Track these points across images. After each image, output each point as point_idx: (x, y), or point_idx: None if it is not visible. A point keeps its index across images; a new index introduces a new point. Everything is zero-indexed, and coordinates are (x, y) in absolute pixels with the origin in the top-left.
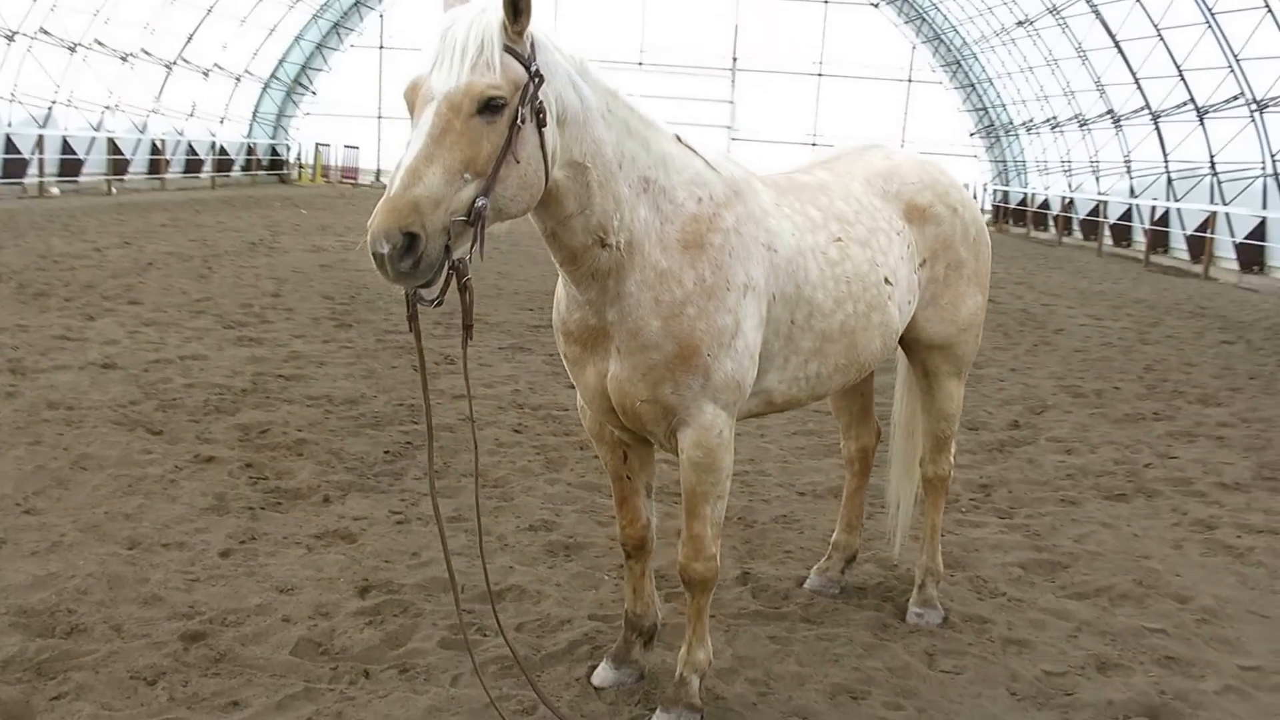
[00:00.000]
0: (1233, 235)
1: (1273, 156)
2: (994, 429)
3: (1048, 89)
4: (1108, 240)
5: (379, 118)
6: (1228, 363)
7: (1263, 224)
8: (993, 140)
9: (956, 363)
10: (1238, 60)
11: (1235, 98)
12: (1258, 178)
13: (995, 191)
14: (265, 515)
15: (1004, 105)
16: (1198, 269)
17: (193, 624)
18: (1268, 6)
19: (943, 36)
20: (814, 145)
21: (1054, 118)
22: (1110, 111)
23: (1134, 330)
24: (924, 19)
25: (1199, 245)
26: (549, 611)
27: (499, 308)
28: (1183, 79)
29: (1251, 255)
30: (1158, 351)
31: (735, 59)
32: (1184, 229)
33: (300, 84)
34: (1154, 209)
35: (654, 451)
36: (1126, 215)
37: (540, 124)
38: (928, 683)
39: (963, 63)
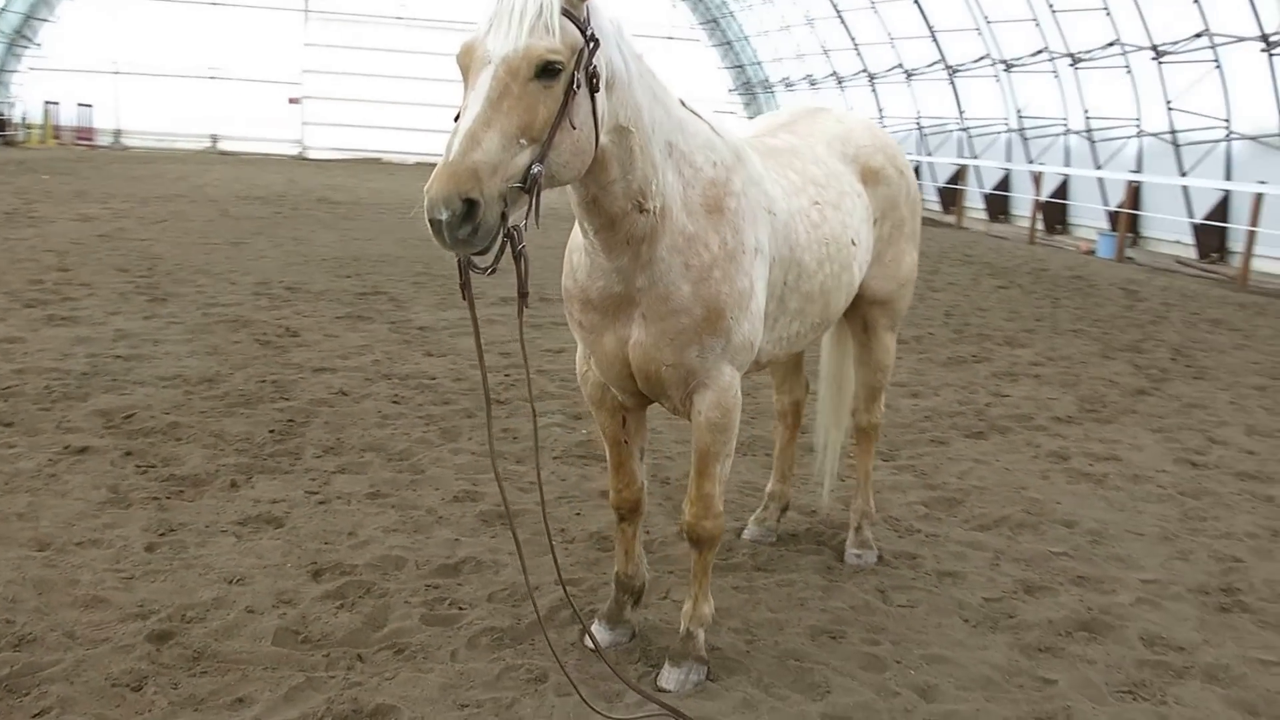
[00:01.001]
0: (981, 186)
1: (1018, 112)
2: None
3: (805, 47)
4: None
5: (115, 74)
6: (1012, 306)
7: (1007, 176)
8: (750, 97)
9: (893, 316)
10: (988, 22)
11: (983, 58)
12: (1002, 133)
13: None
14: (174, 505)
15: (760, 63)
16: (950, 219)
17: (152, 623)
18: None
19: None
20: None
21: (810, 75)
22: (865, 70)
23: (920, 278)
24: None
25: (950, 196)
26: (513, 580)
27: (315, 276)
28: (934, 39)
29: (998, 205)
30: (948, 298)
31: None
32: (936, 181)
33: (23, 35)
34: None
35: (646, 416)
36: None
37: (594, 89)
38: (891, 618)
39: (720, 20)
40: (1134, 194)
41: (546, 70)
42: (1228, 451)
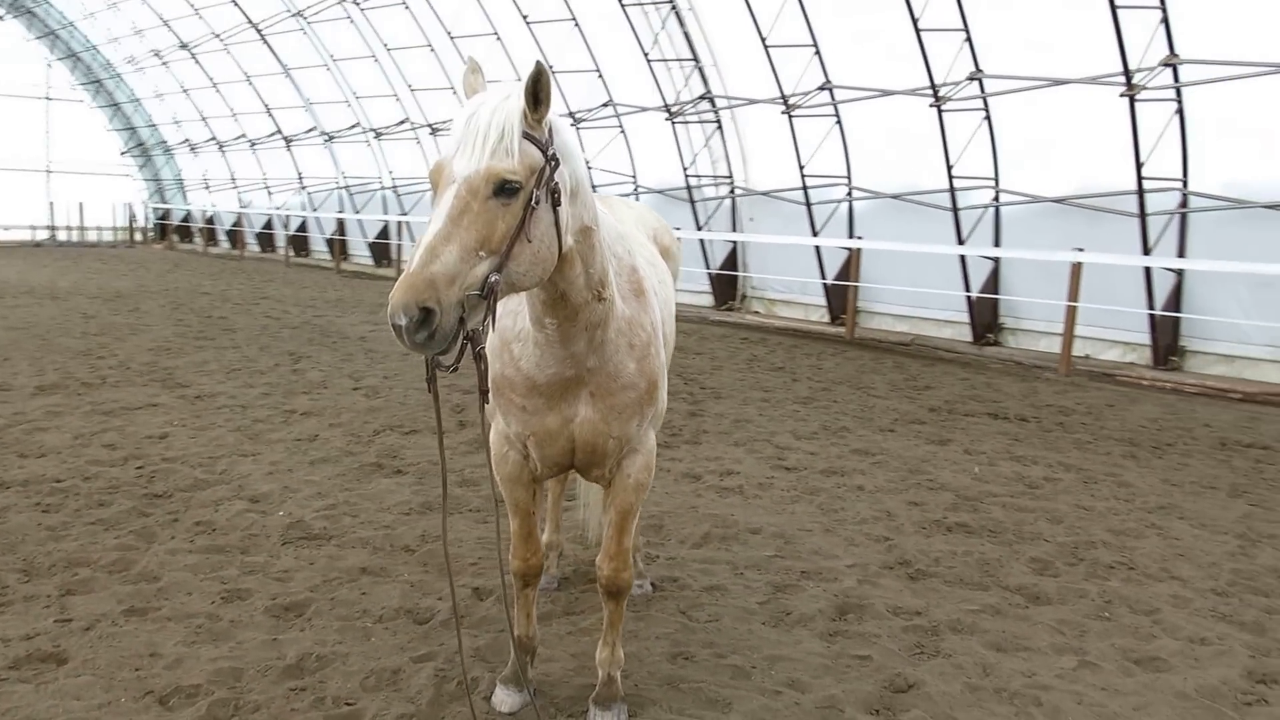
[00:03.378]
0: (413, 240)
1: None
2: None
3: (211, 110)
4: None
5: None
6: None
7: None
8: (145, 159)
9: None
10: (411, 90)
11: (403, 121)
12: (427, 191)
13: (155, 209)
14: None
15: (155, 125)
16: (387, 272)
17: None
18: (374, 56)
19: (81, 56)
20: None
21: (214, 137)
22: (279, 132)
23: None
24: (57, 36)
25: (382, 250)
26: (373, 664)
27: None
28: (354, 105)
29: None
30: None
31: None
32: (366, 236)
33: None
34: (339, 221)
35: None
36: (303, 227)
37: (555, 203)
38: (711, 633)
39: (104, 81)
40: None
41: (504, 189)
42: (797, 455)
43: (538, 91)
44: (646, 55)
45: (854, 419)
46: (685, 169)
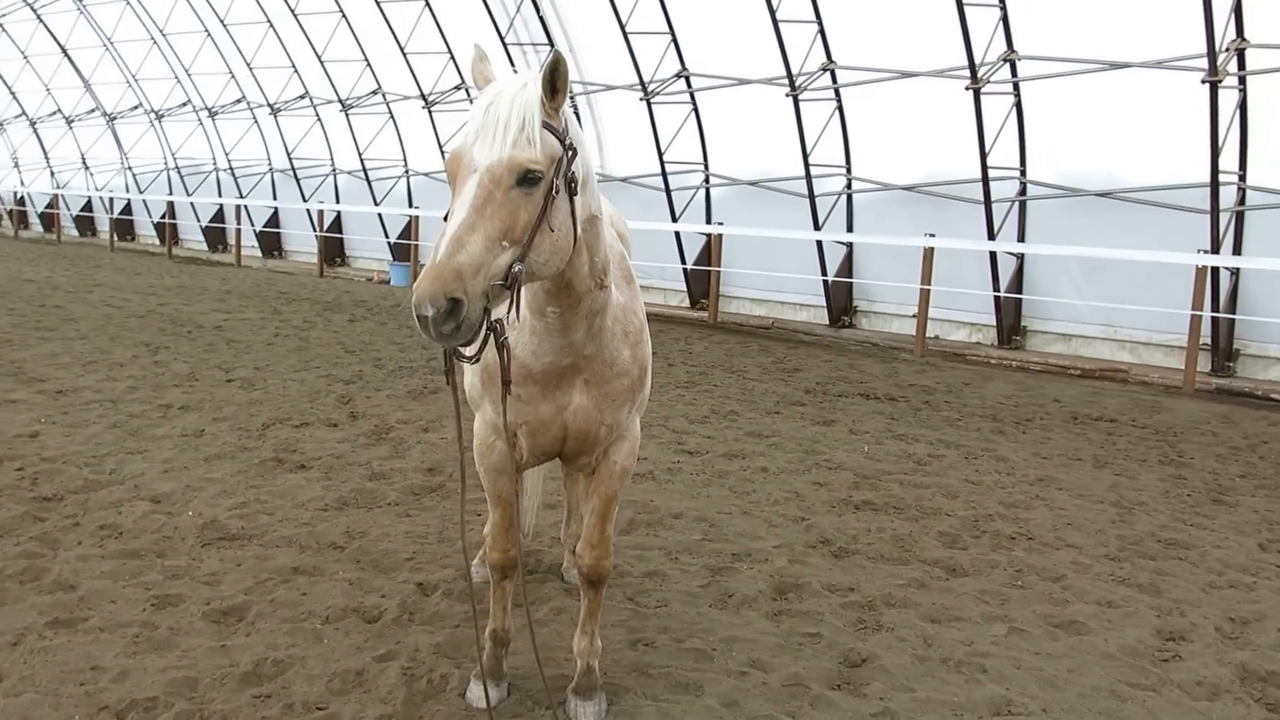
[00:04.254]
0: (252, 225)
1: (287, 153)
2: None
3: (22, 85)
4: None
5: None
6: (415, 340)
7: (276, 213)
8: None
9: None
10: (249, 67)
11: (239, 100)
12: (266, 173)
13: None
14: None
15: None
16: (223, 258)
17: None
18: (207, 30)
19: None
20: None
21: (24, 113)
22: (99, 108)
23: (291, 324)
24: None
25: (216, 235)
26: (338, 666)
27: None
28: (190, 79)
29: (270, 242)
30: (354, 337)
31: None
32: (200, 221)
33: None
34: (167, 204)
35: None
36: (128, 209)
37: (572, 193)
38: (663, 618)
39: None
40: (414, 226)
41: (527, 179)
42: (695, 439)
43: (555, 80)
44: (503, 39)
45: (738, 402)
46: None
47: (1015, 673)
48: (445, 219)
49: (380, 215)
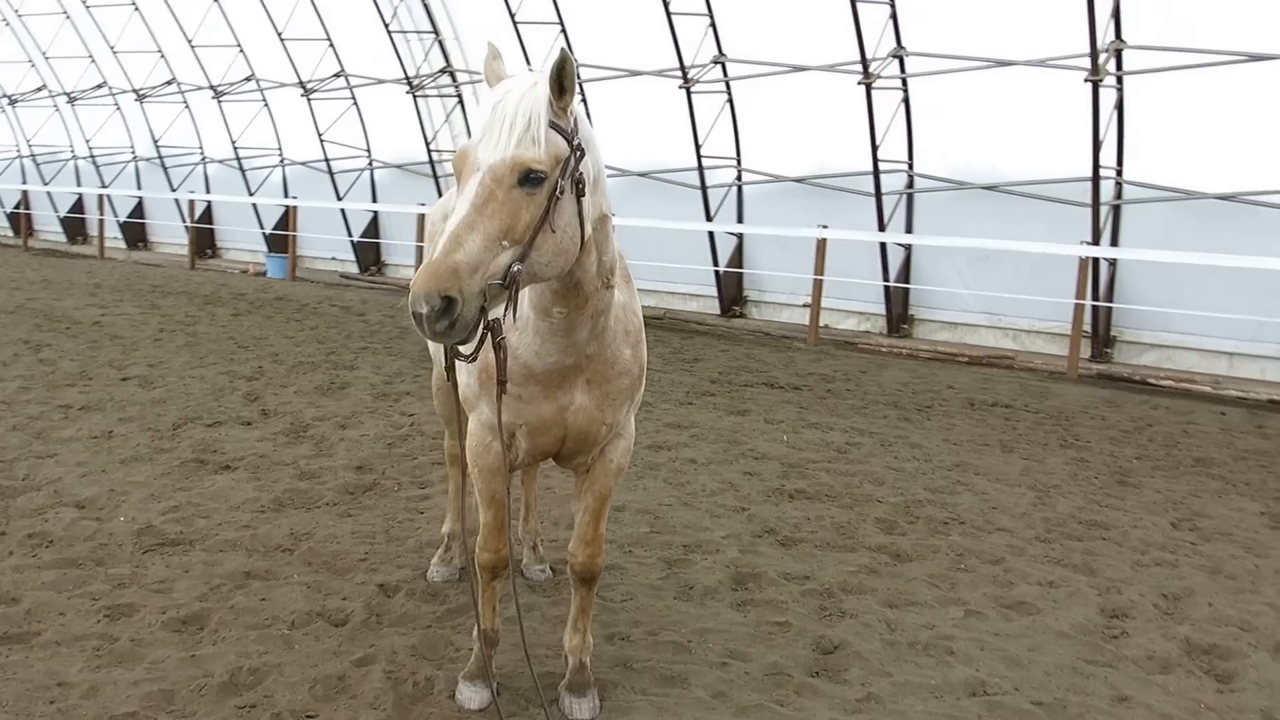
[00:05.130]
0: (115, 215)
1: (154, 141)
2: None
3: None
4: None
5: None
6: (316, 335)
7: (141, 203)
8: None
9: None
10: (114, 51)
11: (101, 85)
12: (130, 162)
13: None
14: None
15: None
16: (84, 249)
17: None
18: (66, 13)
19: None
20: None
21: None
22: None
23: (159, 320)
24: None
25: (75, 226)
26: (316, 672)
27: None
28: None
29: (135, 233)
30: (245, 331)
31: None
32: (58, 211)
33: None
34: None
35: None
36: None
37: (579, 194)
38: (633, 612)
39: None
40: (291, 217)
41: (529, 178)
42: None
43: (562, 79)
44: (387, 26)
45: (649, 393)
46: (428, 143)
47: (980, 654)
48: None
49: (255, 205)
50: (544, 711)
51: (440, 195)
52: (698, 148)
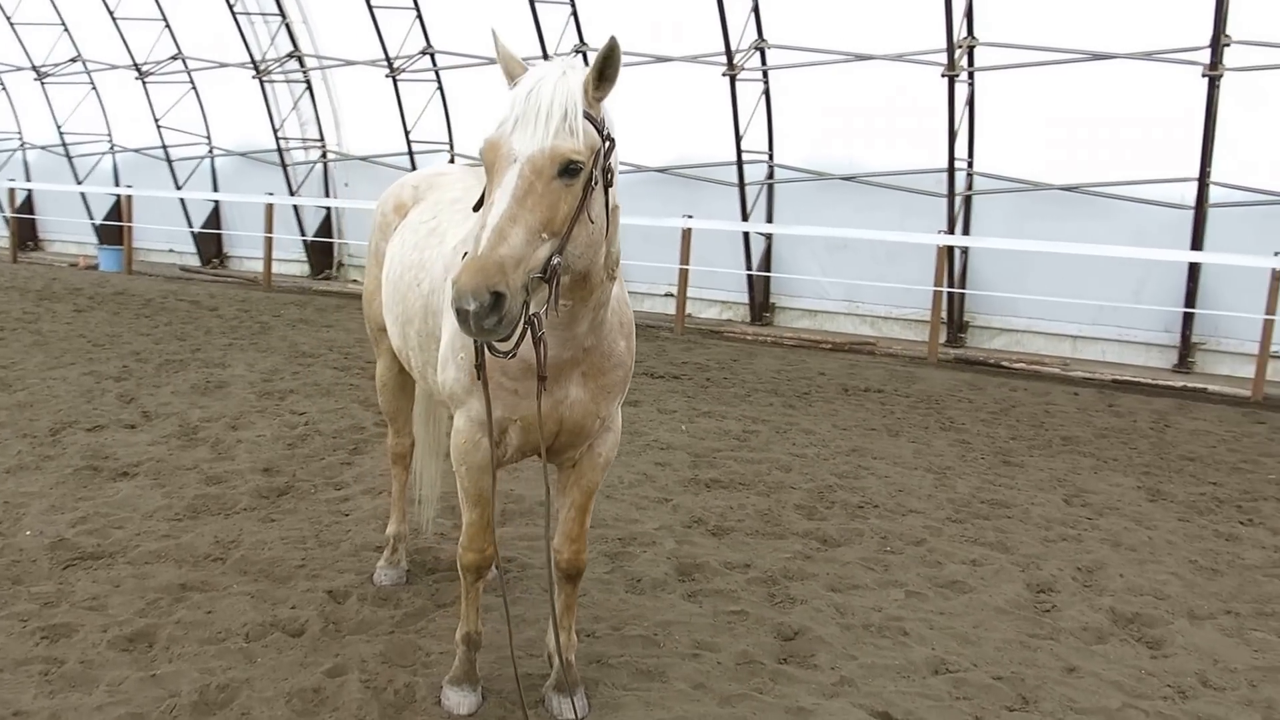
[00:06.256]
0: None
1: None
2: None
3: None
4: None
5: None
6: (173, 331)
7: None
8: None
9: None
10: None
11: None
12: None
13: None
14: None
15: None
16: None
17: None
18: None
19: None
20: None
21: None
22: None
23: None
24: None
25: None
26: (294, 685)
27: None
28: None
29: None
30: (104, 329)
31: None
32: None
33: None
34: None
35: None
36: None
37: (608, 184)
38: (595, 606)
39: None
40: (124, 207)
41: (568, 169)
42: None
43: (605, 68)
44: (231, 6)
45: None
46: (275, 130)
47: (932, 633)
48: (475, 209)
49: (83, 195)
50: (528, 714)
51: (290, 185)
52: None
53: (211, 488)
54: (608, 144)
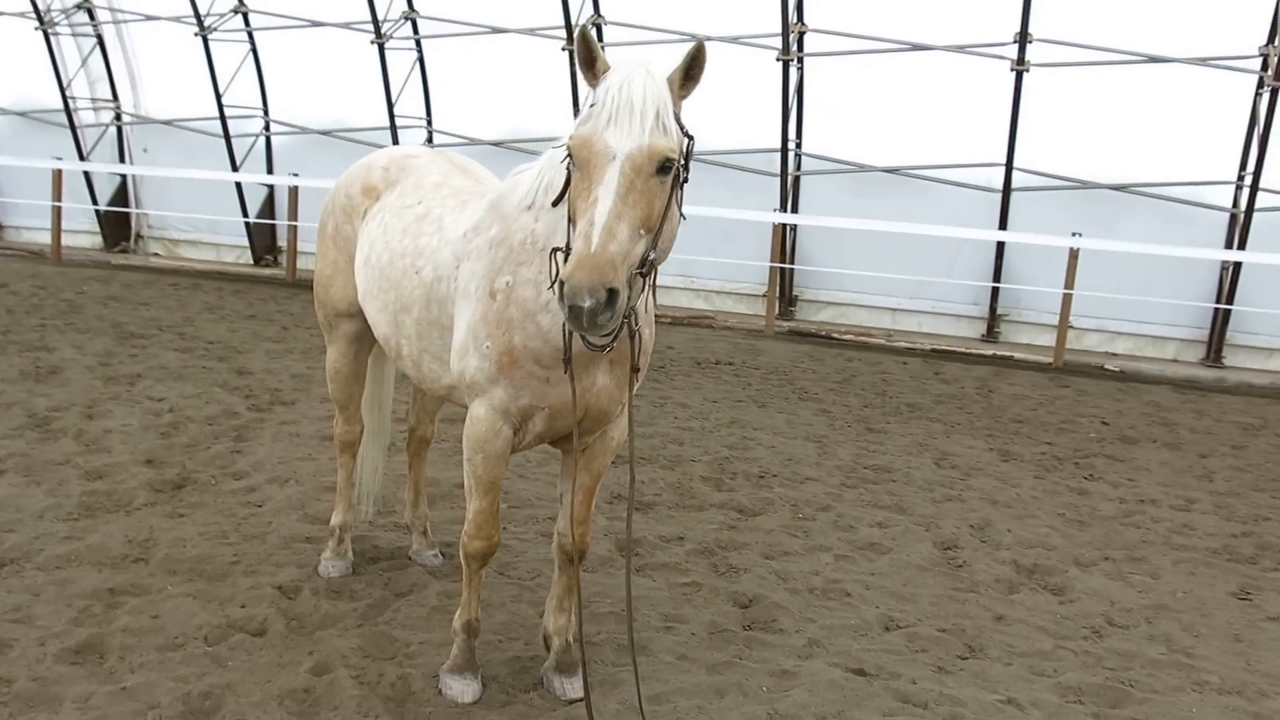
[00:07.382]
0: None
1: None
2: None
3: None
4: None
5: None
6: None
7: None
8: None
9: None
10: None
11: None
12: None
13: None
14: None
15: None
16: None
17: None
18: None
19: None
20: None
21: None
22: None
23: None
24: None
25: None
26: (283, 687)
27: None
28: None
29: None
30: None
31: None
32: None
33: None
34: None
35: None
36: None
37: (685, 180)
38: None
39: None
40: None
41: (664, 167)
42: (404, 406)
43: (692, 69)
44: None
45: None
46: (63, 89)
47: (870, 593)
48: (554, 204)
49: None
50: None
51: (80, 150)
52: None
53: (96, 483)
54: (689, 141)
